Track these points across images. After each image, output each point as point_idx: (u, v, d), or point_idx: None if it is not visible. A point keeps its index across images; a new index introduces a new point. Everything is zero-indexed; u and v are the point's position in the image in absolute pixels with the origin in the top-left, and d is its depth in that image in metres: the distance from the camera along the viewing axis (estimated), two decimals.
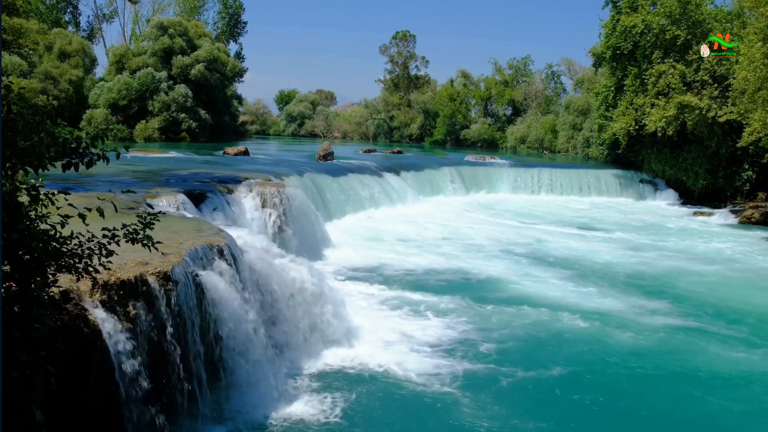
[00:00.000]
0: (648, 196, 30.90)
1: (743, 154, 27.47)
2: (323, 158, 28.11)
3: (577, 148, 44.59)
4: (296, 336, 8.95)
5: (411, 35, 67.79)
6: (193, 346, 6.73)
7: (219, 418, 7.05)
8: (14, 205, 4.07)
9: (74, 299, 5.51)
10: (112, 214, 5.02)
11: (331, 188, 21.19)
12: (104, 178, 14.26)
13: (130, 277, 6.10)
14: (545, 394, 8.28)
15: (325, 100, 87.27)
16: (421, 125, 64.85)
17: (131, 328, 5.87)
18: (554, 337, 10.33)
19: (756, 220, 24.48)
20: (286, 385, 7.95)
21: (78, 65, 44.35)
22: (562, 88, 59.07)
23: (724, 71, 26.70)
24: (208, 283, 7.17)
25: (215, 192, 13.77)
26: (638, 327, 10.89)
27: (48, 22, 49.60)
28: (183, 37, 45.52)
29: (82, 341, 5.31)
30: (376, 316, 10.90)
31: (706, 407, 8.11)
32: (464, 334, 10.20)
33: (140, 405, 5.88)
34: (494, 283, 13.61)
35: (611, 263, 16.03)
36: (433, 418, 7.51)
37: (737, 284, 14.59)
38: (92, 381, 5.49)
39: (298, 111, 75.54)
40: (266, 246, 9.85)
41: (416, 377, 8.44)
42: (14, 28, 24.87)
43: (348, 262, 14.71)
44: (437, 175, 29.14)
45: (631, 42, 29.17)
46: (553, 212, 25.50)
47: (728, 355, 9.73)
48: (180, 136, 42.38)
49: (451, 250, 16.89)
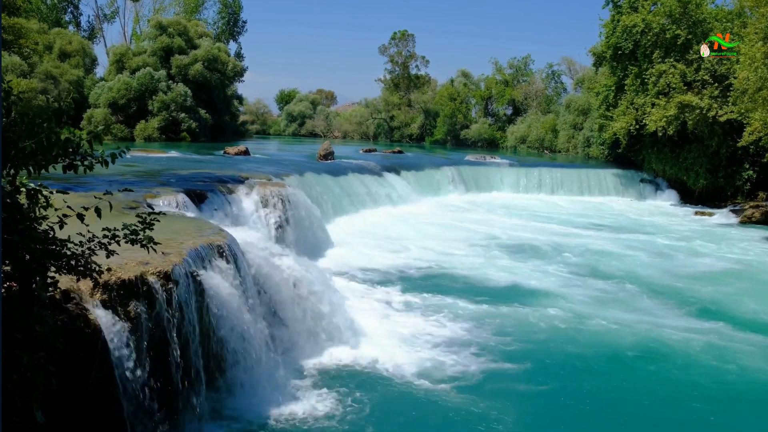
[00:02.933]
0: (649, 196, 30.89)
1: (744, 153, 27.46)
2: (324, 158, 28.11)
3: (578, 148, 44.59)
4: (297, 335, 8.94)
5: (410, 35, 67.80)
6: (193, 345, 6.73)
7: (219, 417, 7.04)
8: (15, 205, 4.07)
9: (75, 299, 5.50)
10: (114, 215, 5.01)
11: (331, 188, 21.18)
12: (104, 178, 14.24)
13: (131, 276, 6.09)
14: (546, 394, 8.27)
15: (326, 100, 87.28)
16: (421, 125, 64.85)
17: (132, 328, 5.86)
18: (555, 336, 10.32)
19: (756, 220, 24.48)
20: (287, 385, 7.94)
21: (78, 65, 44.37)
22: (562, 88, 59.14)
23: (724, 71, 26.70)
24: (209, 282, 7.17)
25: (216, 192, 13.76)
26: (640, 326, 10.86)
27: (48, 22, 49.61)
28: (182, 36, 45.51)
29: (82, 341, 5.31)
30: (377, 315, 10.89)
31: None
32: (467, 334, 10.17)
33: (140, 405, 5.88)
34: (496, 283, 13.59)
35: (612, 262, 16.02)
36: (434, 418, 7.50)
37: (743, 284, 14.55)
38: (92, 381, 5.48)
39: (299, 111, 75.51)
40: (267, 245, 9.84)
41: (417, 377, 8.43)
42: (14, 28, 24.86)
43: (348, 262, 14.71)
44: (437, 174, 29.13)
45: (632, 41, 29.16)
46: (553, 212, 25.48)
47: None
48: (180, 136, 42.37)
49: (451, 249, 16.88)
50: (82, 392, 5.39)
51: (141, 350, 5.95)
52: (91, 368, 5.47)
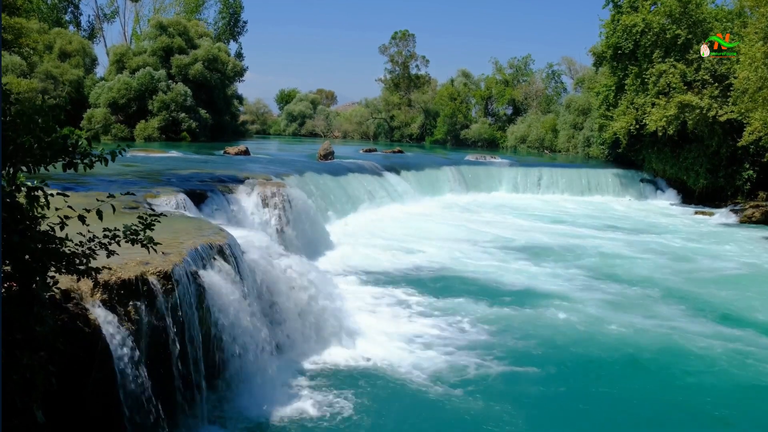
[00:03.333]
0: (649, 196, 30.91)
1: (744, 153, 27.46)
2: (324, 158, 28.11)
3: (578, 148, 44.59)
4: (297, 335, 8.94)
5: (410, 35, 67.84)
6: (193, 345, 6.73)
7: (219, 417, 7.04)
8: (15, 205, 4.07)
9: (75, 299, 5.50)
10: (113, 215, 5.02)
11: (331, 188, 21.17)
12: (105, 178, 14.25)
13: (131, 276, 6.09)
14: (547, 394, 8.26)
15: (326, 100, 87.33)
16: (421, 125, 64.86)
17: (132, 328, 5.86)
18: (555, 336, 10.30)
19: (757, 220, 24.47)
20: (287, 385, 7.94)
21: (78, 65, 44.38)
22: (562, 88, 59.19)
23: (724, 70, 26.70)
24: (209, 282, 7.17)
25: (216, 191, 13.76)
26: (658, 330, 10.70)
27: (49, 22, 49.61)
28: (182, 36, 45.52)
29: (82, 341, 5.31)
30: (378, 315, 10.88)
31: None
32: (468, 334, 10.16)
33: (140, 405, 5.88)
34: (497, 283, 13.58)
35: (613, 261, 16.03)
36: (435, 418, 7.49)
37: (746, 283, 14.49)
38: (93, 381, 5.49)
39: (299, 110, 75.52)
40: (267, 245, 9.83)
41: (418, 376, 8.42)
42: (14, 27, 24.85)
43: (349, 262, 14.70)
44: (438, 174, 29.14)
45: (632, 41, 29.16)
46: (553, 212, 25.48)
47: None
48: (180, 136, 42.37)
49: (452, 249, 16.87)
50: (82, 392, 5.39)
51: (141, 350, 5.95)
52: (91, 368, 5.47)
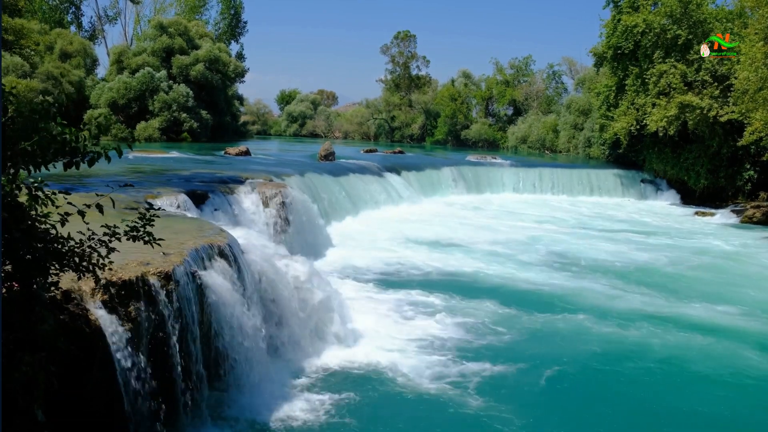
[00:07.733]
0: (650, 196, 30.90)
1: (744, 153, 27.46)
2: (324, 158, 28.11)
3: (579, 148, 44.57)
4: (297, 336, 8.94)
5: (412, 35, 67.82)
6: (193, 346, 6.73)
7: (220, 418, 7.05)
8: (16, 205, 4.07)
9: (76, 299, 5.51)
10: (114, 215, 5.03)
11: (332, 188, 21.18)
12: (106, 179, 14.27)
13: (132, 277, 6.10)
14: (547, 394, 8.27)
15: (327, 100, 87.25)
16: (422, 125, 64.85)
17: (132, 328, 5.87)
18: (556, 335, 10.32)
19: (757, 220, 24.47)
20: (288, 386, 7.95)
21: (79, 65, 44.36)
22: (563, 88, 59.10)
23: (725, 71, 26.69)
24: (210, 283, 7.17)
25: (216, 192, 13.77)
26: (679, 335, 10.61)
27: (50, 23, 49.64)
28: (183, 36, 45.51)
29: (83, 341, 5.32)
30: (378, 316, 10.88)
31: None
32: (468, 335, 10.17)
33: (141, 405, 5.88)
34: (497, 283, 13.58)
35: (614, 261, 16.02)
36: (435, 419, 7.49)
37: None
38: (93, 381, 5.49)
39: (300, 111, 75.48)
40: (267, 246, 9.85)
41: (418, 377, 8.43)
42: (16, 28, 24.91)
43: (349, 262, 14.70)
44: (438, 175, 29.14)
45: (632, 42, 29.16)
46: (554, 212, 25.47)
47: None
48: (181, 136, 42.36)
49: (452, 250, 16.87)
50: (83, 392, 5.40)
51: (142, 350, 5.96)
52: (92, 368, 5.48)
